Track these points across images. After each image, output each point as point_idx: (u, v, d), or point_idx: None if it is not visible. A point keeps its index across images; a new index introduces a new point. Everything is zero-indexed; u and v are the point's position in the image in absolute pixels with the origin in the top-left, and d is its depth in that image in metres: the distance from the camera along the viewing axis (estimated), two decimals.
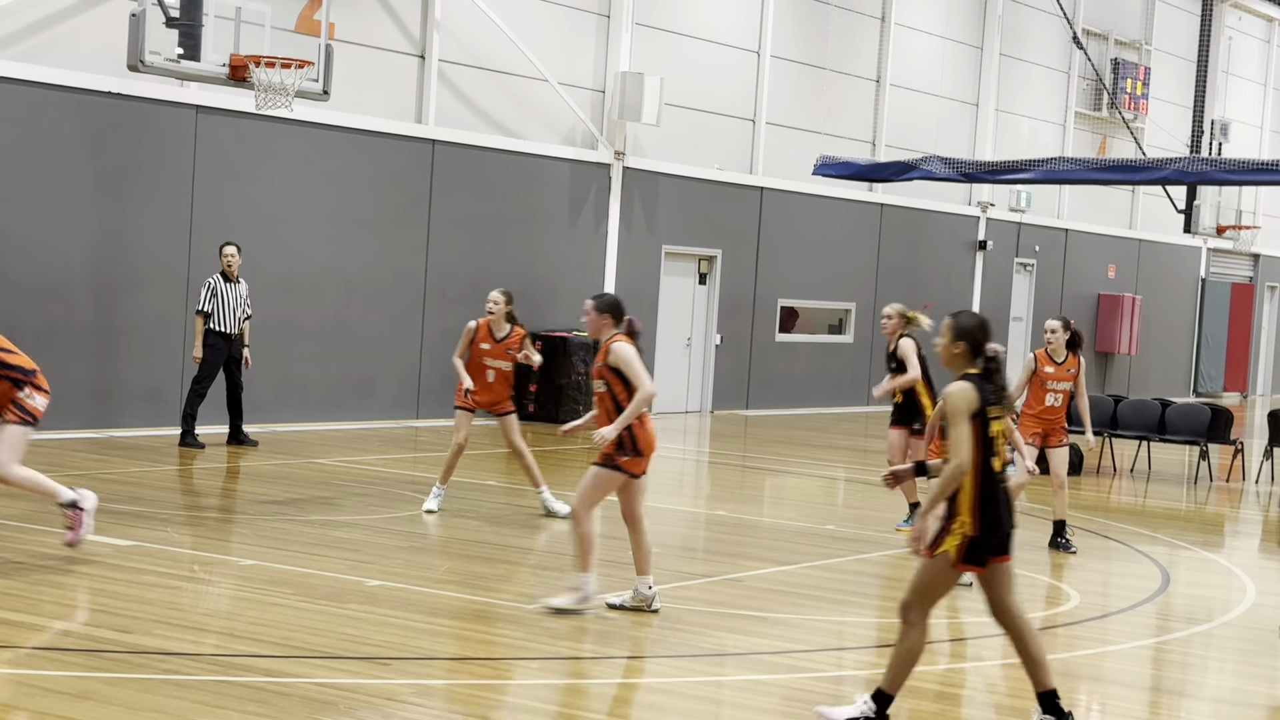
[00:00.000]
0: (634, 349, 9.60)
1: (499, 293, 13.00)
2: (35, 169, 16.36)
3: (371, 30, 19.55)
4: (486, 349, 12.96)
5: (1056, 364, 13.33)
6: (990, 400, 7.27)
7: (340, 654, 8.34)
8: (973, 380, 7.30)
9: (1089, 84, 33.08)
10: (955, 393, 7.24)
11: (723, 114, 24.79)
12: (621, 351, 9.55)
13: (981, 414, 7.21)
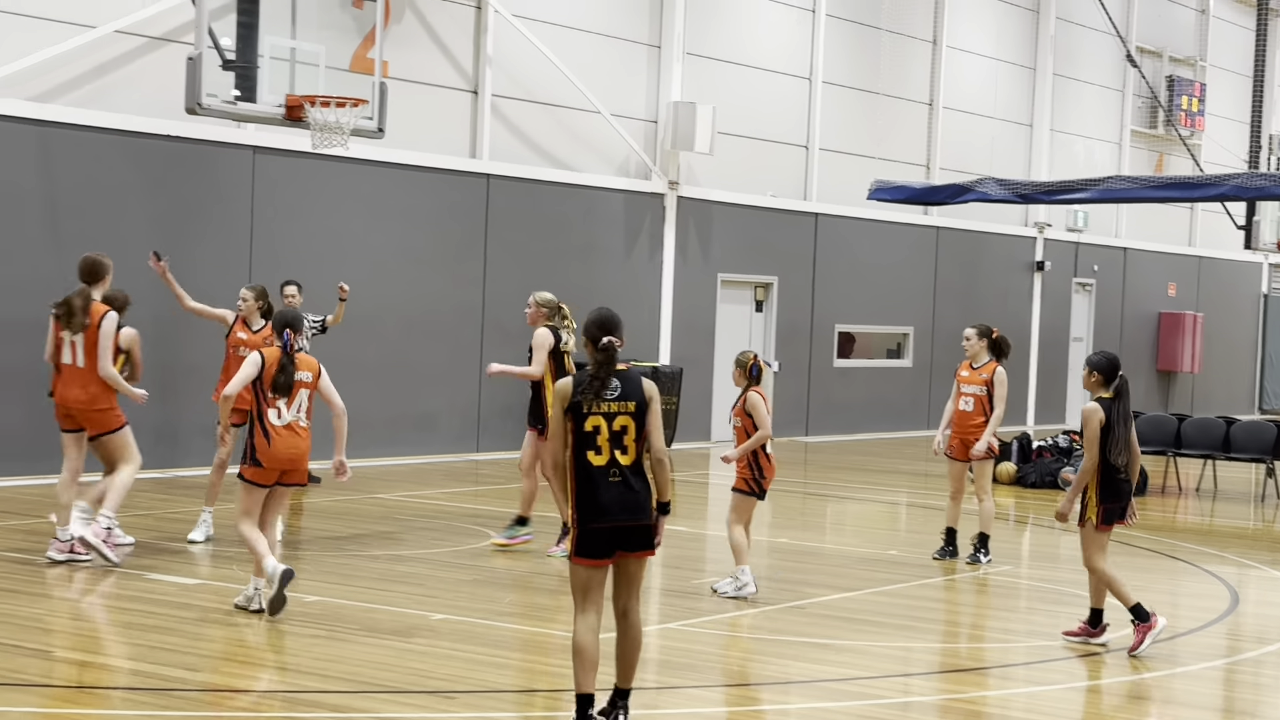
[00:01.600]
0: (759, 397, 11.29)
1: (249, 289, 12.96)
2: (96, 213, 16.54)
3: (425, 67, 19.69)
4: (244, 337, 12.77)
5: (971, 369, 13.23)
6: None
7: (406, 688, 8.36)
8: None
9: (1144, 102, 32.90)
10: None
11: (776, 141, 24.79)
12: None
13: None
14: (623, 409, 7.37)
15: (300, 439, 10.10)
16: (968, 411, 13.14)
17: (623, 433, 7.34)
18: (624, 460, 7.31)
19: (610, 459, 7.29)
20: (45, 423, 16.09)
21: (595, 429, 7.28)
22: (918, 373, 27.22)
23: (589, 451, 7.28)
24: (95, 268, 11.63)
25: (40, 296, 16.19)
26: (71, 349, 11.41)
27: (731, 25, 23.88)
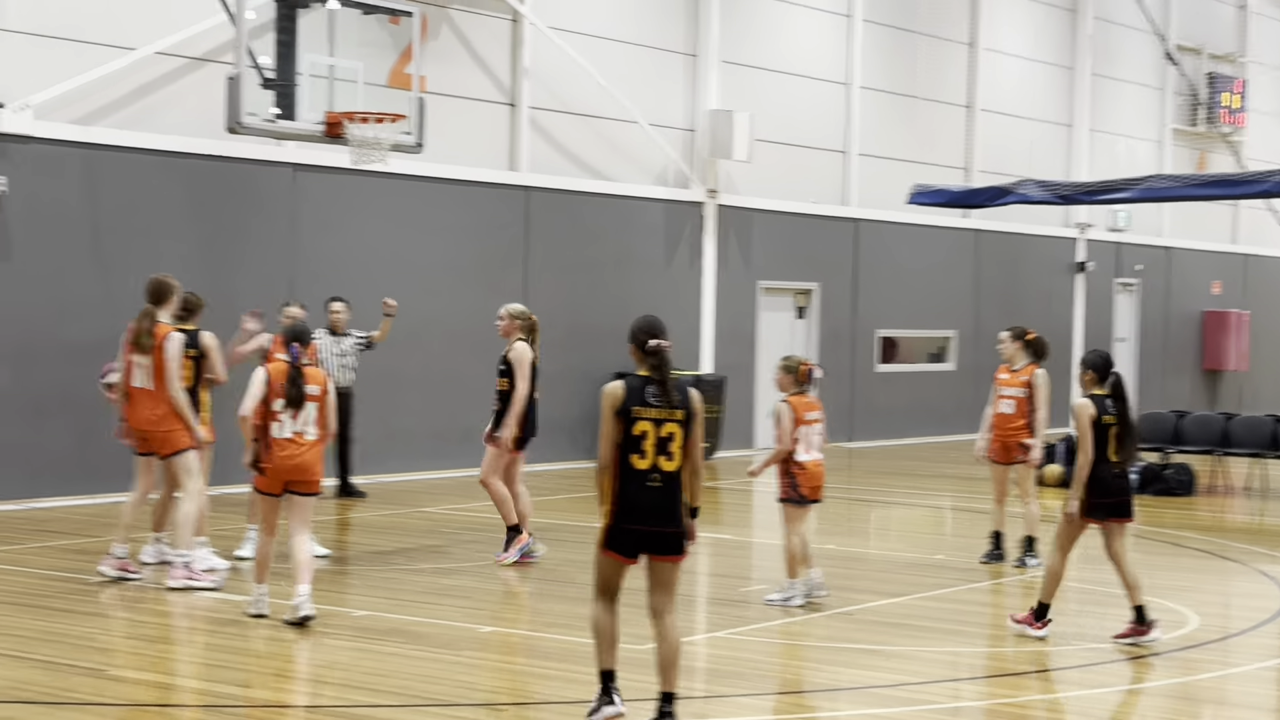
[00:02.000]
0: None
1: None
2: (140, 234, 16.66)
3: (462, 81, 19.76)
4: None
5: (1010, 372, 13.21)
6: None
7: (456, 701, 8.39)
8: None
9: (1184, 99, 32.70)
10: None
11: (814, 147, 24.77)
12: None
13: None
14: (670, 416, 7.50)
15: (304, 449, 10.33)
16: (1008, 414, 13.10)
17: (669, 439, 7.48)
18: (666, 466, 7.45)
19: (653, 464, 7.44)
20: (94, 443, 16.24)
21: (643, 434, 7.43)
22: (961, 376, 27.12)
23: (633, 455, 7.43)
24: (160, 289, 11.61)
25: (86, 319, 16.37)
26: (142, 371, 11.43)
27: (767, 32, 23.87)
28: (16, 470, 15.80)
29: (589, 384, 21.19)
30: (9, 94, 15.69)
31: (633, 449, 7.43)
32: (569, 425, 20.96)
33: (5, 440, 15.71)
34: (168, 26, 16.77)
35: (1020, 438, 13.08)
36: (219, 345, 12.08)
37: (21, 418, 15.86)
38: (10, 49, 15.75)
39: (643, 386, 7.51)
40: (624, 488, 7.43)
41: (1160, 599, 11.90)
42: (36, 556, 12.66)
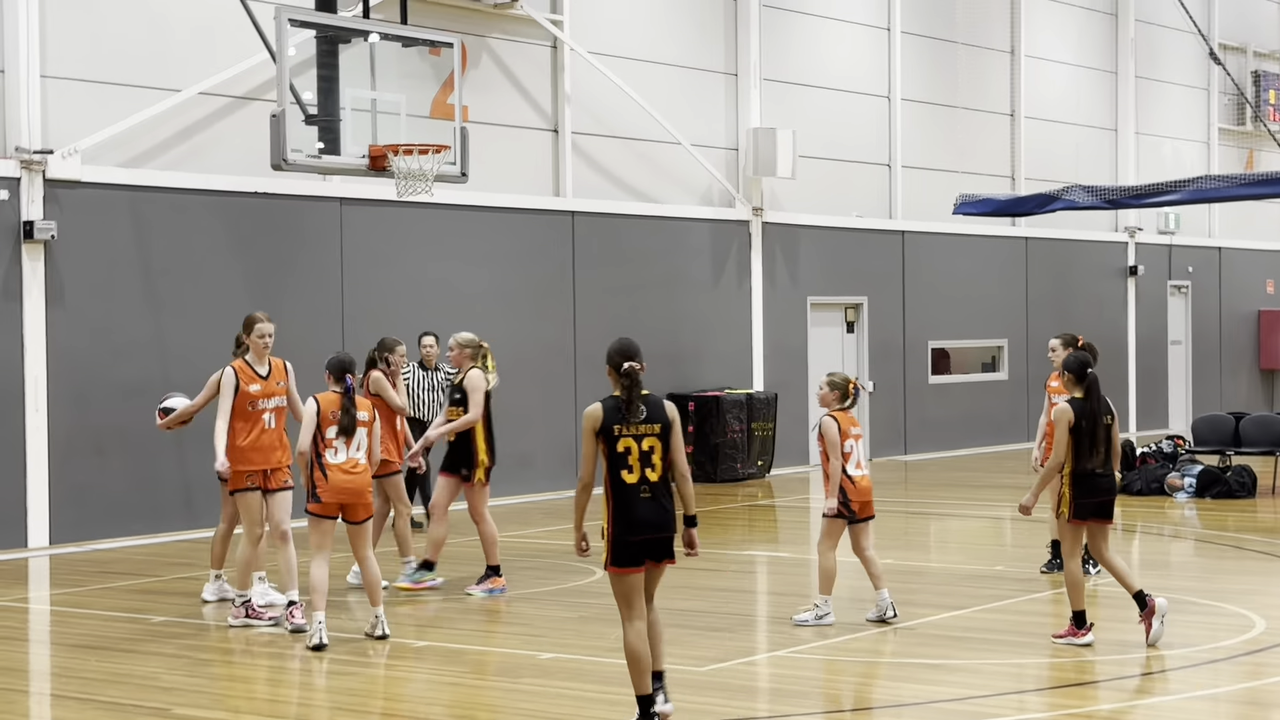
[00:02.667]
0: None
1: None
2: (190, 273, 16.79)
3: (504, 109, 19.83)
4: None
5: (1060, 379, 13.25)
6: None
7: None
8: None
9: (1230, 99, 32.48)
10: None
11: (858, 161, 24.73)
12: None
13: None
14: (650, 431, 7.98)
15: (356, 475, 10.71)
16: None
17: (651, 452, 7.98)
18: (652, 477, 7.97)
19: (641, 476, 7.94)
20: (152, 483, 16.37)
21: (627, 450, 7.93)
22: (1014, 385, 26.98)
23: (622, 470, 7.93)
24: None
25: (139, 359, 16.50)
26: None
27: (807, 48, 23.86)
28: (76, 512, 15.92)
29: None
30: (57, 140, 15.86)
31: (620, 465, 7.92)
32: None
33: (65, 482, 15.84)
34: (211, 67, 16.91)
35: None
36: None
37: (80, 459, 15.99)
38: (56, 95, 15.91)
39: (619, 406, 7.95)
40: (619, 503, 7.91)
41: (1225, 603, 11.78)
42: (99, 598, 12.74)
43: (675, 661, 10.01)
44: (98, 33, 16.27)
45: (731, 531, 16.51)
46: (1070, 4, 28.83)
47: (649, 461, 7.95)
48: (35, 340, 15.66)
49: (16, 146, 15.52)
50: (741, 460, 21.17)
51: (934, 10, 25.86)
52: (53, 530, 15.73)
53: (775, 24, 23.24)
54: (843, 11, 24.41)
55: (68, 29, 16.03)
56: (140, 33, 16.57)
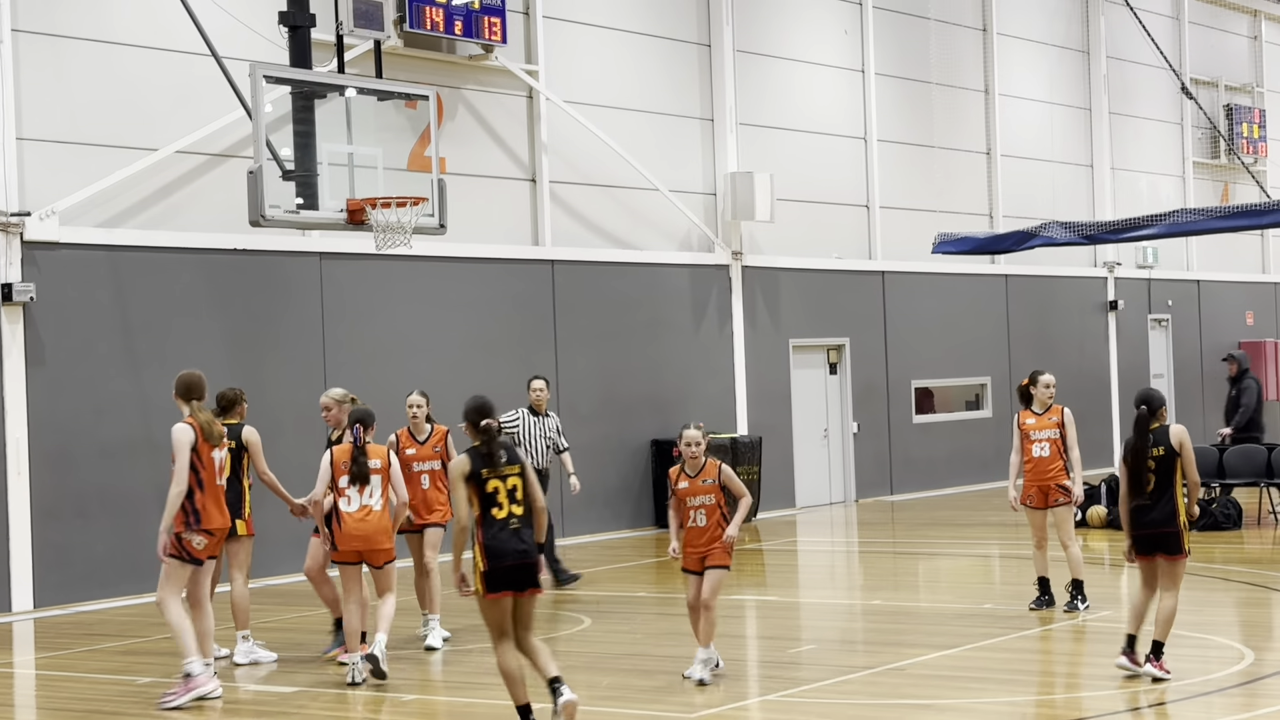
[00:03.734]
0: None
1: (419, 394, 12.67)
2: (170, 331, 16.76)
3: (481, 160, 19.87)
4: (412, 454, 12.50)
5: (1037, 415, 13.22)
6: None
7: None
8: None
9: (1204, 133, 32.67)
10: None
11: (836, 203, 24.80)
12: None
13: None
14: (512, 472, 9.08)
15: (369, 521, 11.08)
16: (1045, 457, 13.03)
17: (515, 490, 9.07)
18: (518, 512, 9.06)
19: (509, 512, 9.02)
20: (136, 543, 16.27)
21: (495, 490, 9.03)
22: (998, 423, 26.99)
23: (493, 508, 9.00)
24: (194, 383, 11.20)
25: (122, 419, 16.44)
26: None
27: (782, 92, 23.96)
28: (60, 574, 15.83)
29: (624, 454, 21.20)
30: (34, 202, 15.85)
31: (491, 504, 8.99)
32: (607, 496, 20.94)
33: (47, 544, 15.75)
34: (187, 125, 16.92)
35: (1059, 479, 13.02)
36: (260, 441, 12.08)
37: (62, 521, 15.91)
38: (33, 157, 15.92)
39: (482, 455, 9.06)
40: (489, 536, 8.94)
41: (1215, 635, 11.76)
42: (84, 661, 12.65)
43: (667, 709, 9.95)
44: (73, 93, 16.29)
45: None
46: (1042, 42, 29.01)
47: (514, 498, 9.04)
48: (15, 402, 15.61)
49: None
50: (728, 504, 21.09)
51: (908, 52, 26.00)
52: (36, 593, 15.63)
53: (750, 69, 23.34)
54: (817, 55, 24.53)
55: (43, 90, 16.04)
56: (116, 92, 16.58)
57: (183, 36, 16.39)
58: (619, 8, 21.75)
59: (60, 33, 16.19)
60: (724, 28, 22.75)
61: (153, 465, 16.29)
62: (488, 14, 19.37)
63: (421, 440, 12.62)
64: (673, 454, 20.29)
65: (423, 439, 12.62)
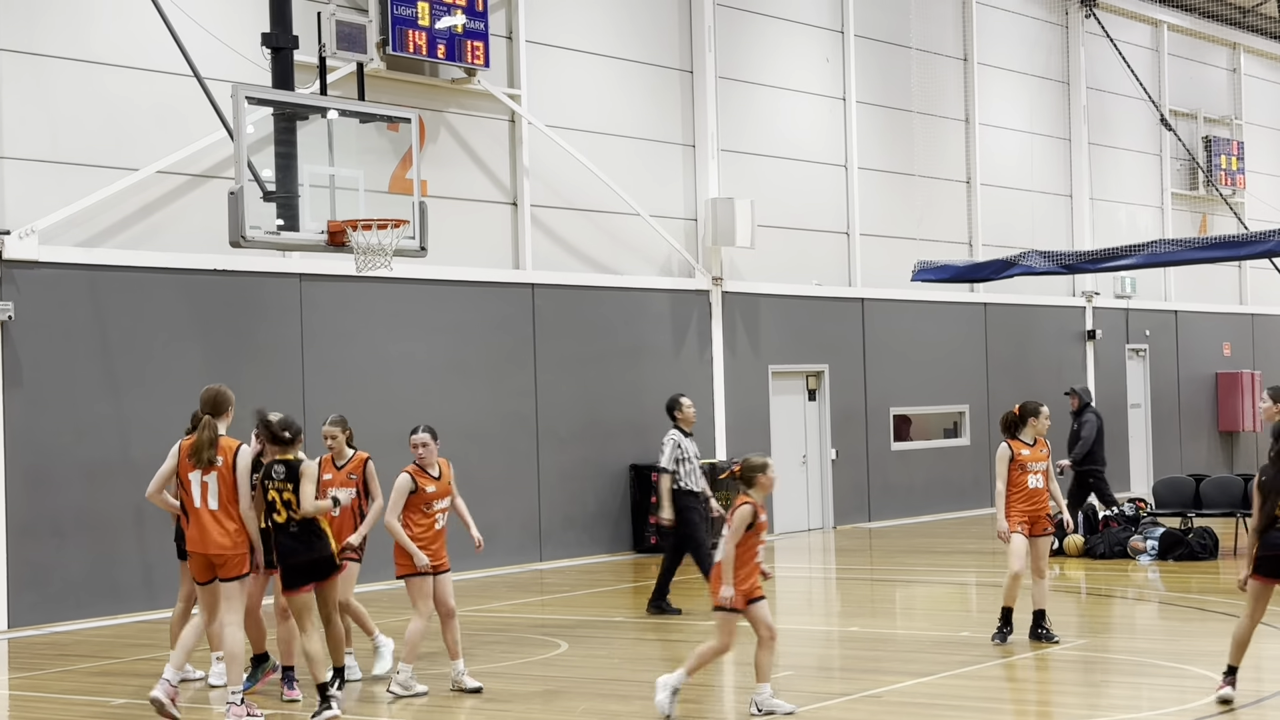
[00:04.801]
0: None
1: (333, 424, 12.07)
2: (149, 351, 16.72)
3: (463, 183, 19.89)
4: (328, 479, 11.81)
5: (1029, 446, 13.15)
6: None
7: None
8: None
9: (1183, 164, 32.84)
10: None
11: (816, 230, 24.86)
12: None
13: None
14: (285, 487, 10.48)
15: (441, 533, 12.21)
16: (1039, 489, 13.04)
17: (289, 502, 10.46)
18: (297, 516, 10.48)
19: (287, 517, 10.45)
20: (113, 564, 16.22)
21: (272, 500, 10.38)
22: (976, 451, 27.04)
23: (274, 514, 10.45)
24: (219, 399, 10.74)
25: (100, 439, 16.39)
26: (202, 489, 10.46)
27: (764, 119, 24.03)
28: (35, 594, 15.76)
29: (603, 478, 21.18)
30: (14, 220, 15.81)
31: (273, 510, 10.46)
32: (586, 521, 20.92)
33: (23, 564, 15.68)
34: (168, 145, 16.91)
35: (1047, 510, 13.09)
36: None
37: (39, 541, 15.84)
38: (12, 175, 15.89)
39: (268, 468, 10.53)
40: (277, 539, 10.55)
41: (1191, 665, 11.78)
42: (58, 681, 12.59)
43: None
44: (54, 113, 16.27)
45: (697, 601, 16.40)
46: (1022, 72, 29.15)
47: (290, 506, 10.45)
48: None
49: None
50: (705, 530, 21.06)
51: (889, 80, 26.10)
52: (11, 613, 15.56)
53: (732, 95, 23.41)
54: (799, 82, 24.61)
55: (23, 109, 16.02)
56: (97, 112, 16.57)
57: (165, 57, 16.39)
58: (602, 33, 21.81)
59: (42, 51, 16.18)
60: (706, 54, 22.82)
61: (131, 486, 16.22)
62: (471, 38, 19.41)
63: (339, 466, 12.02)
64: (652, 479, 20.25)
65: (340, 464, 12.02)
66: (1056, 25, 29.96)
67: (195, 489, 10.42)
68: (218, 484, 10.40)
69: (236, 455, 10.46)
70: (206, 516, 10.40)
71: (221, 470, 10.40)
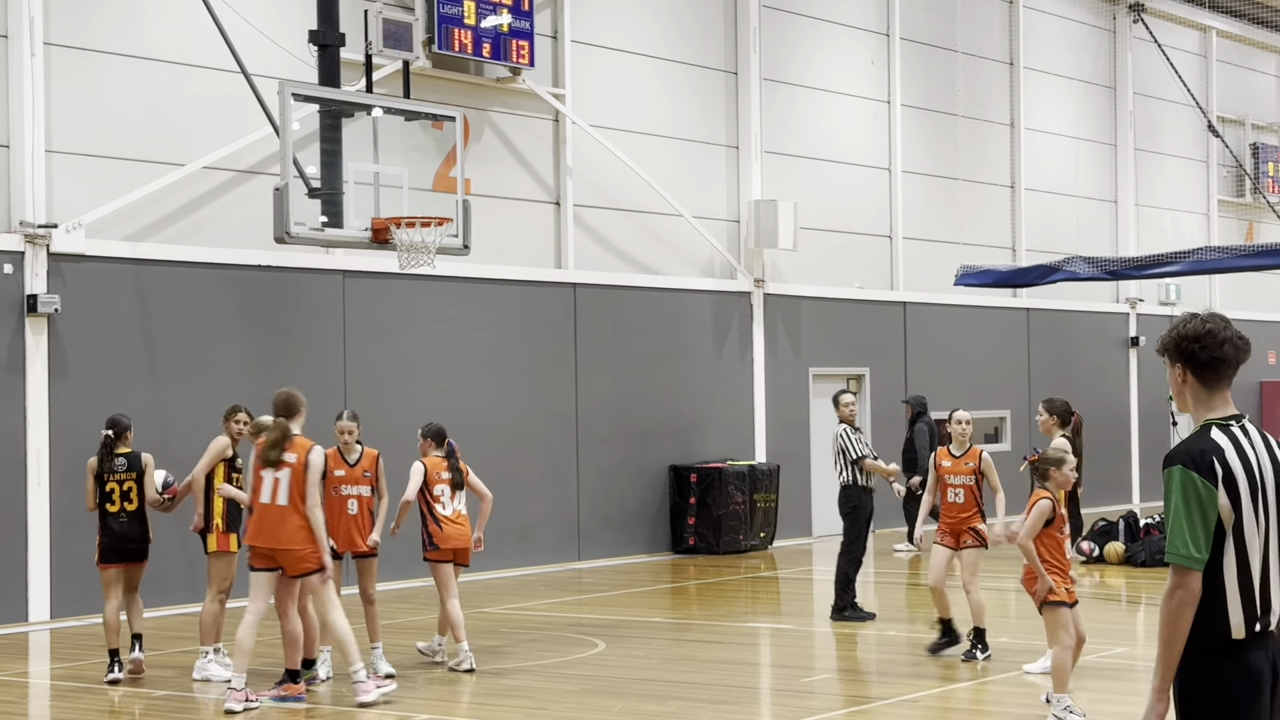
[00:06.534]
0: None
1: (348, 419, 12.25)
2: (192, 347, 16.82)
3: (506, 182, 19.93)
4: (341, 475, 12.00)
5: (954, 457, 12.80)
6: None
7: None
8: None
9: (1229, 171, 32.64)
10: None
11: (859, 233, 24.82)
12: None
13: None
14: (128, 476, 11.72)
15: (464, 524, 12.36)
16: (958, 504, 12.85)
17: (129, 490, 11.71)
18: (129, 508, 11.86)
19: (120, 507, 11.80)
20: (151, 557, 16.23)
21: (112, 490, 11.67)
22: (1017, 456, 26.88)
23: (107, 504, 11.77)
24: (291, 401, 11.25)
25: (142, 433, 16.46)
26: (273, 485, 10.93)
27: (808, 121, 24.01)
28: (78, 585, 15.84)
29: (643, 478, 21.19)
30: (61, 214, 15.94)
31: (108, 500, 11.88)
32: (624, 521, 20.94)
33: (66, 555, 15.77)
34: (215, 141, 17.01)
35: (973, 524, 12.88)
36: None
37: (81, 533, 15.87)
38: (61, 170, 16.01)
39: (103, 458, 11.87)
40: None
41: None
42: (100, 672, 12.65)
43: None
44: (102, 107, 16.39)
45: (735, 603, 16.43)
46: (1069, 77, 29.02)
47: (128, 497, 11.81)
48: (38, 413, 15.67)
49: (21, 221, 15.59)
50: (744, 532, 21.09)
51: (934, 83, 26.03)
52: (54, 604, 15.68)
53: (776, 97, 23.39)
54: (843, 85, 24.57)
55: (72, 104, 16.14)
56: (144, 107, 16.68)
57: (213, 53, 16.49)
58: (647, 33, 21.82)
59: (91, 47, 16.30)
60: (751, 55, 22.81)
61: None
62: (516, 37, 19.45)
63: (351, 462, 12.11)
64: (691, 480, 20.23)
65: (352, 461, 12.13)
66: (1104, 30, 29.82)
67: (266, 485, 10.92)
68: (289, 481, 10.87)
69: (309, 454, 10.95)
70: (274, 512, 10.89)
71: (295, 468, 10.88)
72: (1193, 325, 5.22)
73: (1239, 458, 4.96)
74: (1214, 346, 5.19)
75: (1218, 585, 4.88)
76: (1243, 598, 4.87)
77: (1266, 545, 4.94)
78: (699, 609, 16.61)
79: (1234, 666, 4.84)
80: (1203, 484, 4.89)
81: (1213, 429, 5.05)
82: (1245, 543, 4.90)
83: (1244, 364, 5.29)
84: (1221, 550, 4.89)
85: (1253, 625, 4.88)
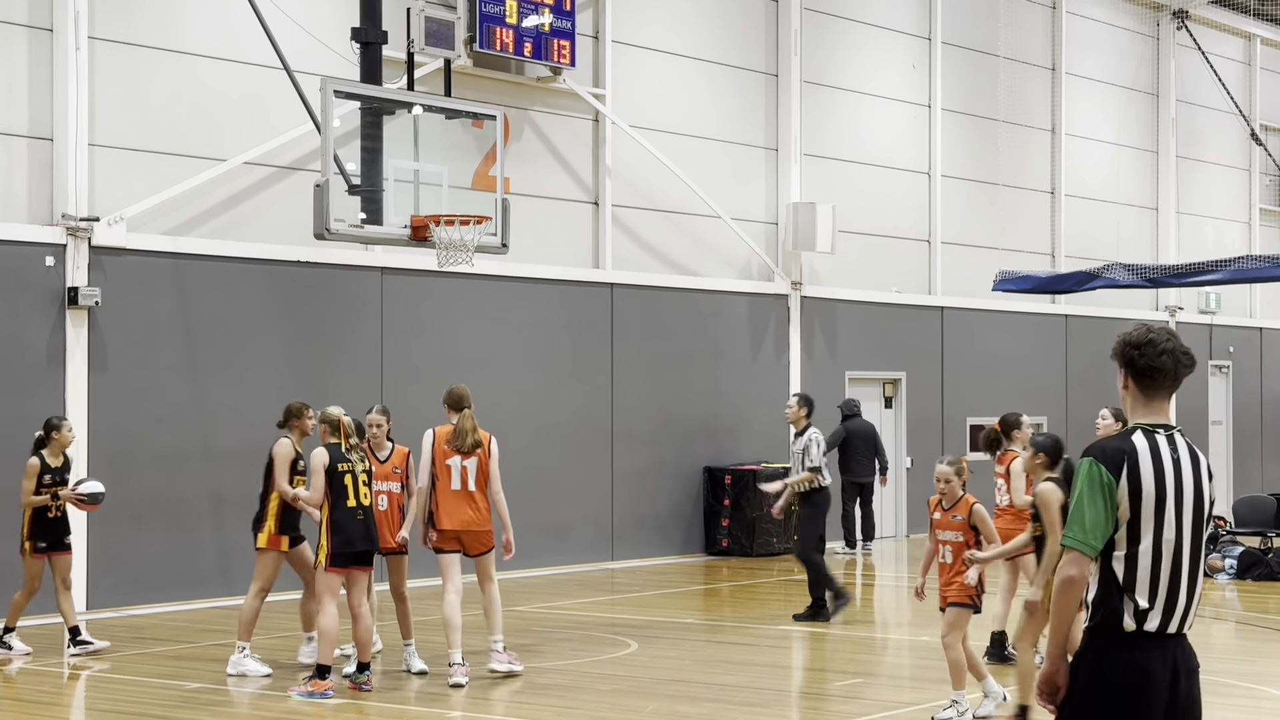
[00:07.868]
0: None
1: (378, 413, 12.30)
2: (231, 341, 16.90)
3: (545, 181, 19.95)
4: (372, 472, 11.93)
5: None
6: None
7: None
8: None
9: (1272, 179, 32.42)
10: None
11: (897, 236, 24.75)
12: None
13: None
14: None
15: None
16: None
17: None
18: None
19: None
20: (187, 550, 16.40)
21: None
22: None
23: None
24: (464, 396, 12.08)
25: (180, 426, 16.57)
26: (462, 473, 11.74)
27: (848, 124, 23.96)
28: (114, 577, 15.96)
29: (678, 479, 21.19)
30: (103, 207, 16.03)
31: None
32: (658, 522, 20.94)
33: (102, 547, 15.88)
34: (256, 137, 17.08)
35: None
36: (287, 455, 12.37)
37: (118, 525, 16.02)
38: (103, 163, 16.10)
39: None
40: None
41: (1267, 686, 11.64)
42: (134, 664, 12.75)
43: None
44: (144, 102, 16.47)
45: (768, 606, 16.40)
46: (1111, 84, 28.89)
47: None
48: (77, 406, 15.76)
49: (63, 214, 15.69)
50: (778, 535, 21.05)
51: (975, 88, 25.94)
52: (90, 595, 15.76)
53: (816, 99, 23.35)
54: (884, 88, 24.52)
55: (115, 98, 16.23)
56: (186, 102, 16.76)
57: (255, 49, 16.56)
58: (688, 34, 21.81)
59: (135, 41, 16.39)
60: (791, 58, 22.78)
61: (209, 473, 16.44)
62: (557, 37, 19.47)
63: (382, 459, 12.13)
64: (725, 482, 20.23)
65: (383, 457, 12.15)
66: (1147, 37, 29.68)
67: (455, 473, 11.69)
68: (476, 469, 11.72)
69: (492, 444, 11.87)
70: (465, 497, 11.72)
71: (480, 456, 11.77)
72: (1138, 333, 5.54)
73: (1152, 463, 5.24)
74: (1153, 355, 5.46)
75: (1110, 577, 5.18)
76: (1134, 594, 5.14)
77: (1178, 551, 5.19)
78: (732, 611, 16.60)
79: (1125, 658, 5.13)
80: (1107, 477, 5.18)
81: (1136, 432, 5.35)
82: (1139, 543, 5.16)
83: (1186, 379, 5.44)
84: (1113, 545, 5.19)
85: (1144, 623, 5.15)
